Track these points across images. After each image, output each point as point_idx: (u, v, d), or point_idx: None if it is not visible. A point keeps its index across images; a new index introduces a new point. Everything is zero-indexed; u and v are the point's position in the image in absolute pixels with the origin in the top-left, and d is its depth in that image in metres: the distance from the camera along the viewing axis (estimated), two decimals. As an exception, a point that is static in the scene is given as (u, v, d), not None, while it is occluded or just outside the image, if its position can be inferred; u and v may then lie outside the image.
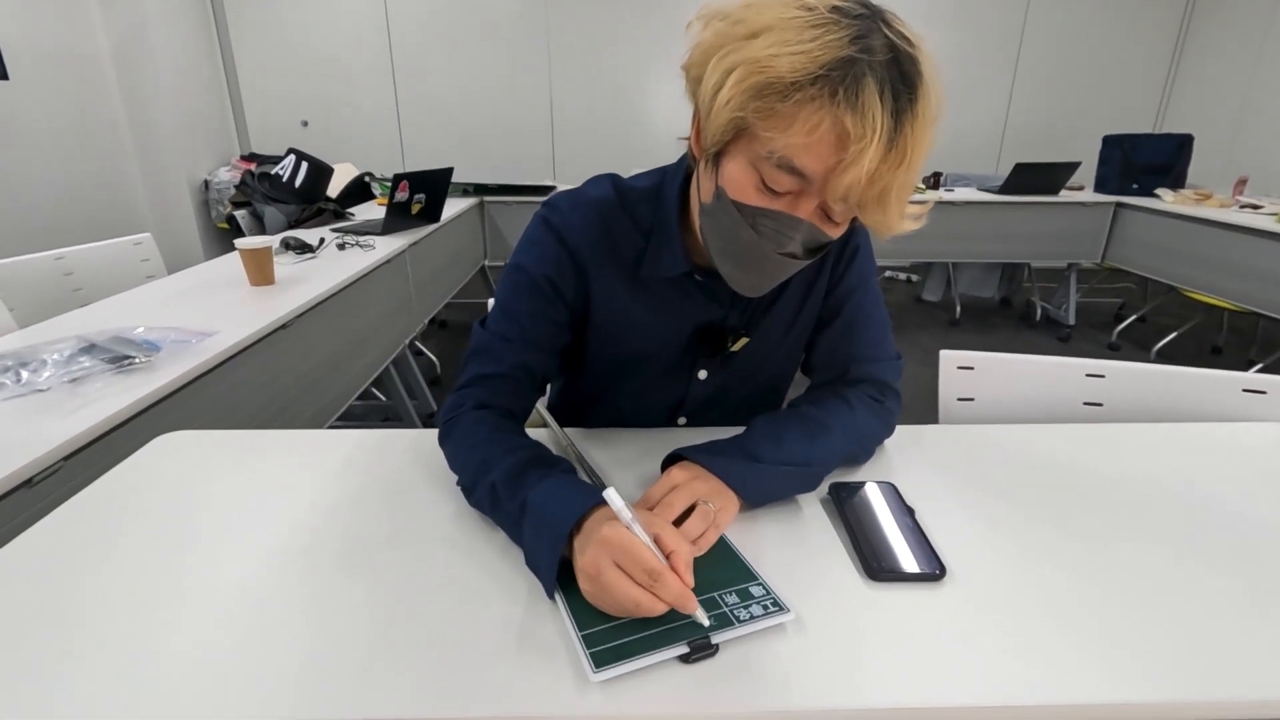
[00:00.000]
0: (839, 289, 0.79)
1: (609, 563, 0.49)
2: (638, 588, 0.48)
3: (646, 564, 0.48)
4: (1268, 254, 2.61)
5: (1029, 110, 4.82)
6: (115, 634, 0.51)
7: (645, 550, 0.49)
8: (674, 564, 0.50)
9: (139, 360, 1.07)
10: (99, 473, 0.74)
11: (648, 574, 0.48)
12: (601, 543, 0.50)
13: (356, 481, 0.72)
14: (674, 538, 0.52)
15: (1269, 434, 0.85)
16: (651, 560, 0.49)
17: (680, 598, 0.48)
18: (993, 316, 4.00)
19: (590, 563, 0.51)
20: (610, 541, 0.50)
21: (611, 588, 0.49)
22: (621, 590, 0.48)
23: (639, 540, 0.50)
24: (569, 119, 4.78)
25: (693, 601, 0.49)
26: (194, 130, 4.17)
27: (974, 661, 0.49)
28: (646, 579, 0.48)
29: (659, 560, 0.49)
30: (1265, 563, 0.60)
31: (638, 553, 0.49)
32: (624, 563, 0.49)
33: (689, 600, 0.48)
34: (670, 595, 0.48)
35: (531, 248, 0.74)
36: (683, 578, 0.49)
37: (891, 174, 0.54)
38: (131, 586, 0.56)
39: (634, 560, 0.49)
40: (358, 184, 3.16)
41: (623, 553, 0.49)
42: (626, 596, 0.48)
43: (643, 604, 0.48)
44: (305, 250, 1.94)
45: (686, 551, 0.51)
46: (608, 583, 0.49)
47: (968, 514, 0.67)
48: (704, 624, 0.49)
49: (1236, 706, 0.46)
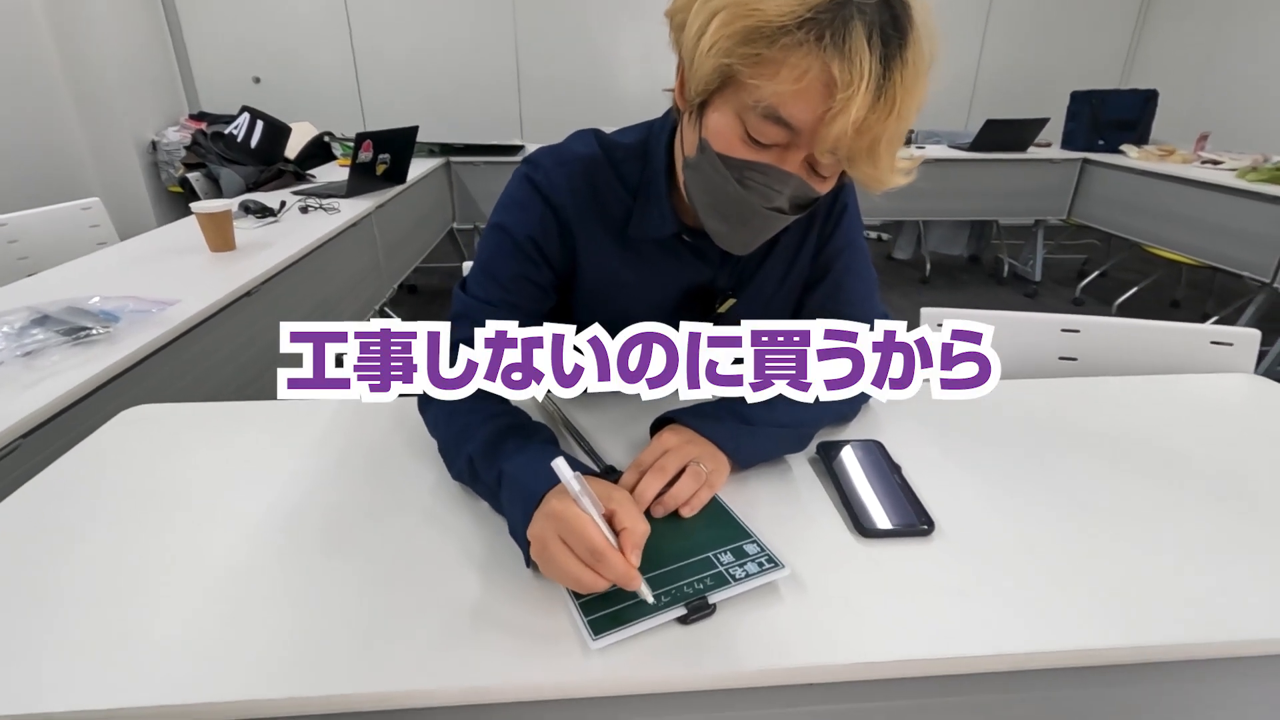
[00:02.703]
0: (827, 248, 0.78)
1: (554, 536, 0.48)
2: (579, 564, 0.47)
3: (589, 541, 0.47)
4: (1225, 209, 2.67)
5: (999, 66, 4.81)
6: (90, 616, 0.49)
7: (590, 526, 0.48)
8: (623, 541, 0.49)
9: (97, 331, 1.02)
10: (59, 451, 0.71)
11: (590, 552, 0.47)
12: (548, 515, 0.50)
13: (336, 452, 0.70)
14: (630, 515, 0.50)
15: (1237, 384, 0.87)
16: (595, 538, 0.47)
17: (623, 577, 0.47)
18: (962, 274, 4.06)
19: (536, 535, 0.50)
20: (556, 515, 0.49)
21: (554, 562, 0.48)
22: (563, 566, 0.47)
23: (585, 516, 0.48)
24: (536, 75, 4.63)
25: (637, 580, 0.47)
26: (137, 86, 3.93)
27: (965, 612, 0.50)
28: (589, 557, 0.47)
29: (603, 538, 0.47)
30: (1239, 508, 0.62)
31: (582, 529, 0.47)
32: (568, 538, 0.48)
33: (632, 579, 0.47)
34: (613, 574, 0.47)
35: (514, 207, 0.72)
36: (628, 557, 0.48)
37: (881, 124, 0.52)
38: (104, 568, 0.54)
39: (577, 536, 0.47)
40: (317, 144, 3.03)
41: (567, 528, 0.48)
42: (567, 573, 0.47)
43: (583, 581, 0.47)
44: (266, 214, 1.86)
45: (639, 531, 0.50)
46: (550, 556, 0.48)
47: (953, 469, 0.68)
48: (649, 601, 0.48)
49: (1220, 647, 0.48)
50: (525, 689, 0.44)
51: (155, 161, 4.03)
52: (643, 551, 0.53)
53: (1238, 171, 2.69)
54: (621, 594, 0.50)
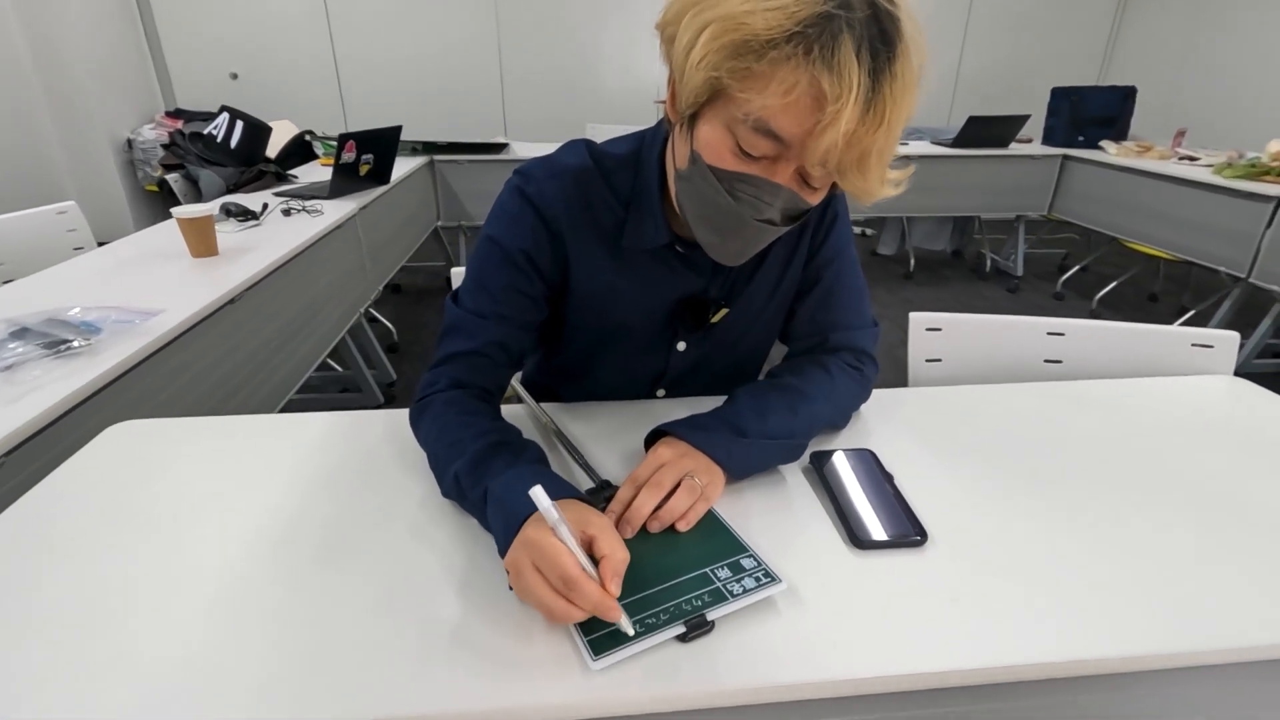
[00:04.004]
0: (818, 258, 0.79)
1: (528, 564, 0.48)
2: (553, 594, 0.47)
3: (563, 570, 0.46)
4: (1202, 205, 2.71)
5: (981, 63, 4.85)
6: (83, 637, 0.48)
7: (564, 556, 0.47)
8: (602, 570, 0.48)
9: (78, 344, 1.00)
10: (43, 468, 0.70)
11: (563, 581, 0.46)
12: (523, 543, 0.49)
13: (329, 467, 0.70)
14: (608, 542, 0.50)
15: (1217, 386, 0.89)
16: (569, 568, 0.46)
17: (598, 607, 0.46)
18: (945, 269, 4.09)
19: (511, 563, 0.50)
20: (531, 543, 0.48)
21: (529, 592, 0.48)
22: (537, 595, 0.47)
23: (560, 545, 0.47)
24: (520, 73, 4.60)
25: (615, 611, 0.47)
26: (111, 83, 3.85)
27: (961, 624, 0.51)
28: (563, 586, 0.46)
29: (576, 566, 0.47)
30: (1224, 512, 0.63)
31: (556, 558, 0.47)
32: (542, 566, 0.47)
33: (609, 609, 0.47)
34: (587, 604, 0.46)
35: (505, 219, 0.71)
36: (607, 585, 0.47)
37: (870, 136, 0.52)
38: (96, 587, 0.53)
39: (551, 565, 0.47)
40: (298, 143, 2.98)
41: (541, 556, 0.47)
42: (539, 602, 0.47)
43: (556, 611, 0.46)
44: (248, 217, 1.83)
45: (619, 559, 0.49)
46: (525, 585, 0.48)
47: (944, 477, 0.69)
48: (629, 633, 0.47)
49: (1219, 653, 0.49)
50: (526, 711, 0.44)
51: (131, 160, 3.96)
52: (639, 570, 0.53)
53: (1214, 168, 2.74)
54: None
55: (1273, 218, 2.42)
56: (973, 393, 0.87)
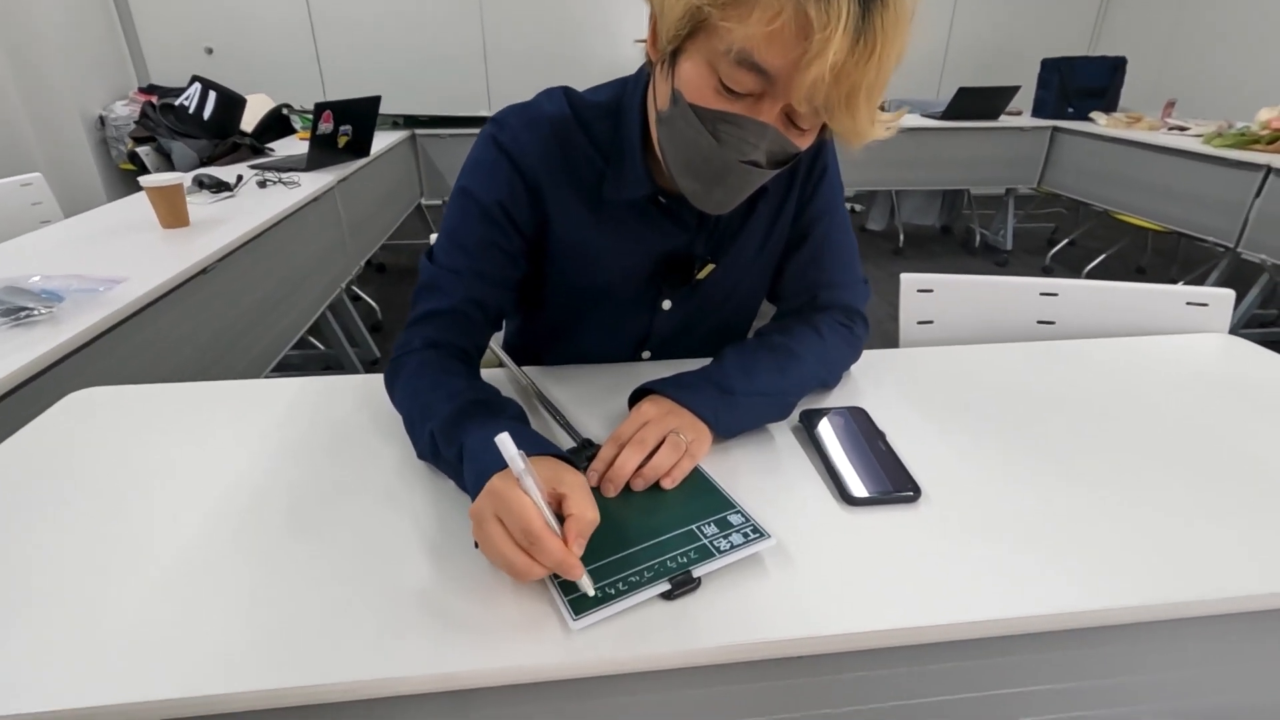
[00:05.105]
0: (807, 212, 0.76)
1: (490, 515, 0.46)
2: (513, 547, 0.44)
3: (525, 523, 0.44)
4: (1191, 175, 2.70)
5: (970, 34, 4.79)
6: (34, 612, 0.45)
7: (529, 509, 0.44)
8: (567, 528, 0.46)
9: (38, 312, 0.96)
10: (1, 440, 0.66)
11: (524, 534, 0.44)
12: (489, 493, 0.47)
13: (300, 433, 0.67)
14: (578, 501, 0.47)
15: (1213, 344, 0.88)
16: (531, 520, 0.44)
17: (560, 565, 0.44)
18: (934, 244, 4.08)
19: (474, 513, 0.47)
20: (495, 493, 0.46)
21: (488, 543, 0.45)
22: (498, 548, 0.45)
23: (525, 498, 0.45)
24: (503, 44, 4.49)
25: (577, 568, 0.45)
26: (80, 58, 3.73)
27: (955, 578, 0.49)
28: (524, 540, 0.44)
29: (540, 521, 0.44)
30: (1219, 466, 0.62)
31: (520, 510, 0.44)
32: (505, 519, 0.45)
33: (572, 567, 0.44)
34: (548, 560, 0.44)
35: (480, 170, 0.68)
36: (569, 544, 0.45)
37: (859, 70, 0.49)
38: (48, 559, 0.50)
39: (514, 517, 0.44)
40: (275, 117, 2.91)
41: (505, 508, 0.45)
42: (499, 554, 0.45)
43: (515, 565, 0.44)
44: (222, 189, 1.78)
45: (587, 519, 0.46)
46: (485, 537, 0.46)
47: (937, 435, 0.67)
48: (589, 594, 0.45)
49: (1210, 604, 0.48)
50: (503, 673, 0.42)
51: (104, 138, 3.85)
52: (622, 528, 0.51)
53: (1204, 137, 2.72)
54: (602, 572, 0.48)
55: (1262, 187, 2.42)
56: (966, 353, 0.85)
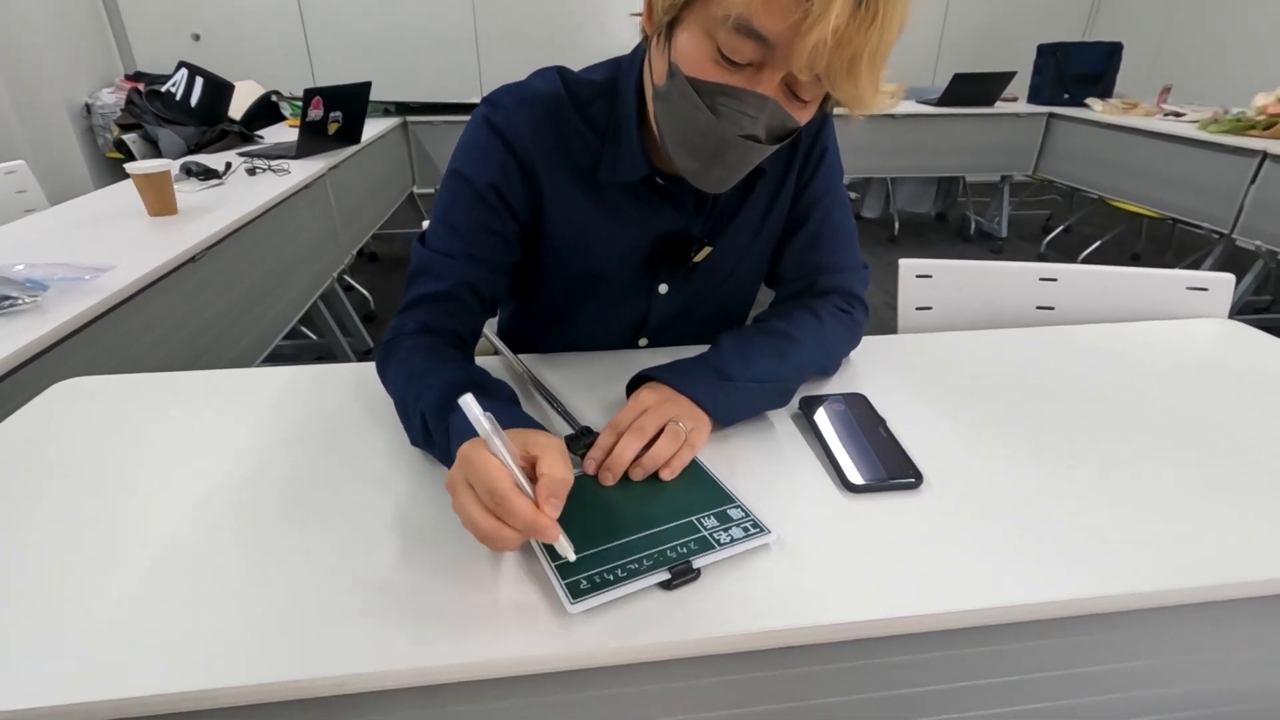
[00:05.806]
0: (807, 193, 0.75)
1: (462, 480, 0.44)
2: (482, 511, 0.43)
3: (490, 484, 0.42)
4: (1187, 161, 2.69)
5: (966, 19, 4.76)
6: (21, 606, 0.44)
7: (493, 468, 0.42)
8: (538, 489, 0.44)
9: (22, 301, 0.94)
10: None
11: (490, 495, 0.42)
12: (459, 459, 0.45)
13: (292, 423, 0.65)
14: (550, 461, 0.45)
15: (1213, 329, 0.87)
16: (498, 480, 0.42)
17: (530, 526, 0.42)
18: (929, 231, 4.07)
19: (449, 479, 0.46)
20: (464, 457, 0.44)
21: (460, 510, 0.44)
22: (467, 513, 0.43)
23: (491, 458, 0.43)
24: (495, 30, 4.44)
25: (552, 530, 0.43)
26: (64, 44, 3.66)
27: (956, 566, 0.48)
28: (491, 501, 0.42)
29: (507, 482, 0.42)
30: (1220, 451, 0.61)
31: (485, 471, 0.42)
32: (474, 482, 0.43)
33: (545, 529, 0.42)
34: (518, 522, 0.42)
35: (473, 152, 0.66)
36: (541, 505, 0.43)
37: (861, 35, 0.48)
38: (33, 552, 0.49)
39: (480, 479, 0.42)
40: (264, 104, 2.86)
41: (472, 471, 0.43)
42: (468, 520, 0.43)
43: (482, 528, 0.42)
44: (210, 176, 1.75)
45: (557, 478, 0.44)
46: (457, 504, 0.44)
47: (937, 420, 0.66)
48: (569, 558, 0.44)
49: (1215, 589, 0.47)
50: (499, 664, 0.41)
51: (90, 126, 3.79)
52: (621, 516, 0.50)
53: (1199, 123, 2.72)
54: (600, 558, 0.47)
55: (1257, 173, 2.41)
56: (965, 338, 0.84)
